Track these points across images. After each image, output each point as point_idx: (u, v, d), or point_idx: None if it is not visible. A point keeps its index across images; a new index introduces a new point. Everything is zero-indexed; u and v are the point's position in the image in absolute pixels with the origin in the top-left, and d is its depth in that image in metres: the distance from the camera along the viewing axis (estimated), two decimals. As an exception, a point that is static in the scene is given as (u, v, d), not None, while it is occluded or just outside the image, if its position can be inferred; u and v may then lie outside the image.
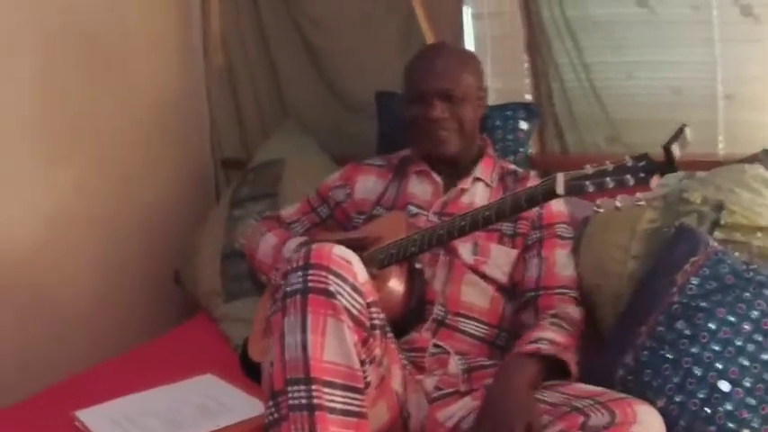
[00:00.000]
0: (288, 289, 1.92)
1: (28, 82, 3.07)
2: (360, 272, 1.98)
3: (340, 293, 1.90)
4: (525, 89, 3.47)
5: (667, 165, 1.90)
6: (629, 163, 1.94)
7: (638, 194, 1.97)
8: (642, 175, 1.92)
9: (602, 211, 2.03)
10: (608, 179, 1.95)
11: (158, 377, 2.62)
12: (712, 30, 3.12)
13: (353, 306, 1.92)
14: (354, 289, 1.94)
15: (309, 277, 1.91)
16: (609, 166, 1.97)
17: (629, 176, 1.93)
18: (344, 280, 1.92)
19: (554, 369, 2.18)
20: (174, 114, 3.85)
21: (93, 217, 3.36)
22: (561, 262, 2.54)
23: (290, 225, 2.87)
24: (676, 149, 1.88)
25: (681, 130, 1.94)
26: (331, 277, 1.91)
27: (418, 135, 2.64)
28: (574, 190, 2.00)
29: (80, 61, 3.28)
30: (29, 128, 3.08)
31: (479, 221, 2.22)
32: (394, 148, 2.93)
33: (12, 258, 3.05)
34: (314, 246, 1.97)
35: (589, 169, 1.99)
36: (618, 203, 1.97)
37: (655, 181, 1.92)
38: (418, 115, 2.59)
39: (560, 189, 2.02)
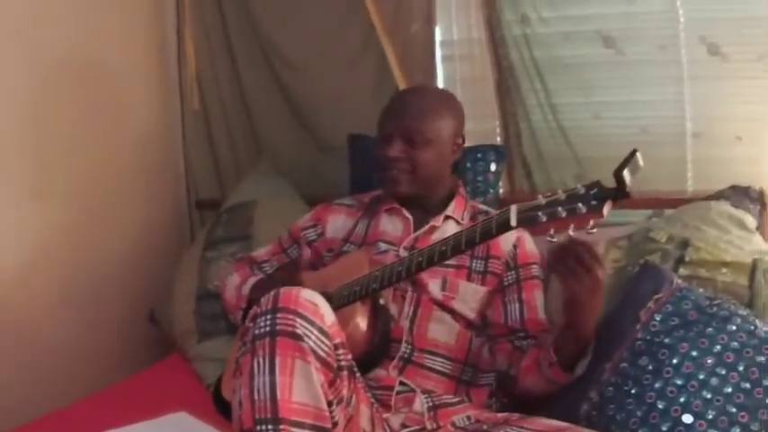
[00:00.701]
0: (256, 332, 1.93)
1: (17, 120, 3.10)
2: (327, 314, 1.99)
3: (307, 336, 1.91)
4: (495, 130, 3.51)
5: (619, 191, 1.87)
6: (581, 191, 1.92)
7: (591, 222, 1.92)
8: (594, 202, 1.89)
9: (555, 240, 2.03)
10: (560, 208, 1.92)
11: (132, 415, 2.61)
12: (681, 69, 3.18)
13: (320, 348, 1.93)
14: (321, 331, 1.94)
15: (278, 320, 1.92)
16: (561, 195, 1.95)
17: (581, 204, 1.90)
18: (311, 323, 1.93)
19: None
20: (151, 155, 3.87)
21: (69, 255, 3.35)
22: (540, 305, 2.57)
23: (261, 265, 2.88)
24: (627, 175, 1.86)
25: (632, 155, 1.91)
26: (298, 320, 1.92)
27: (379, 173, 2.67)
28: (527, 221, 1.99)
29: (65, 105, 3.31)
30: (14, 164, 3.10)
31: (435, 256, 2.21)
32: (366, 189, 2.94)
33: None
34: (282, 289, 1.98)
35: (542, 199, 1.97)
36: (571, 233, 1.97)
37: (607, 208, 1.90)
38: (378, 152, 2.62)
39: (514, 221, 2.01)
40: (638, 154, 1.93)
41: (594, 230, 1.95)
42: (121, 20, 3.65)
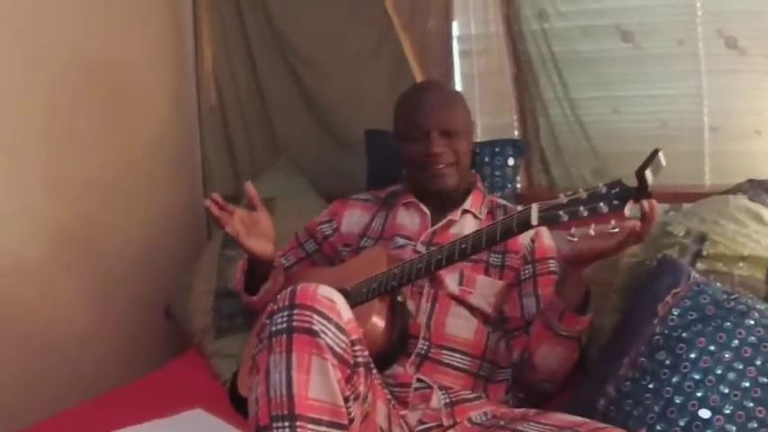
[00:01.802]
0: (273, 328, 1.93)
1: (35, 118, 3.11)
2: (344, 311, 1.99)
3: (324, 332, 1.91)
4: (513, 125, 3.50)
5: (641, 190, 1.87)
6: (603, 190, 1.92)
7: (613, 221, 1.95)
8: (616, 202, 1.90)
9: (576, 239, 2.03)
10: (581, 208, 1.94)
11: (149, 412, 2.62)
12: (699, 62, 3.16)
13: (337, 344, 1.93)
14: (338, 328, 1.94)
15: (295, 317, 1.92)
16: (582, 194, 1.96)
17: (602, 204, 1.91)
18: (329, 319, 1.93)
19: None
20: (167, 152, 3.88)
21: (86, 251, 3.37)
22: None
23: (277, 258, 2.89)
24: (649, 175, 1.86)
25: (654, 155, 1.91)
26: (315, 317, 1.92)
27: (417, 171, 2.66)
28: (548, 220, 2.00)
29: (83, 101, 3.32)
30: (31, 160, 3.12)
31: (455, 254, 2.23)
32: (383, 184, 2.95)
33: (2, 291, 3.06)
34: (299, 286, 1.98)
35: (563, 198, 1.98)
36: (592, 232, 1.97)
37: (629, 207, 1.90)
38: (418, 152, 2.62)
39: (535, 220, 2.02)
40: (660, 153, 1.93)
41: (616, 230, 1.96)
42: (138, 16, 3.66)
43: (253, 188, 2.61)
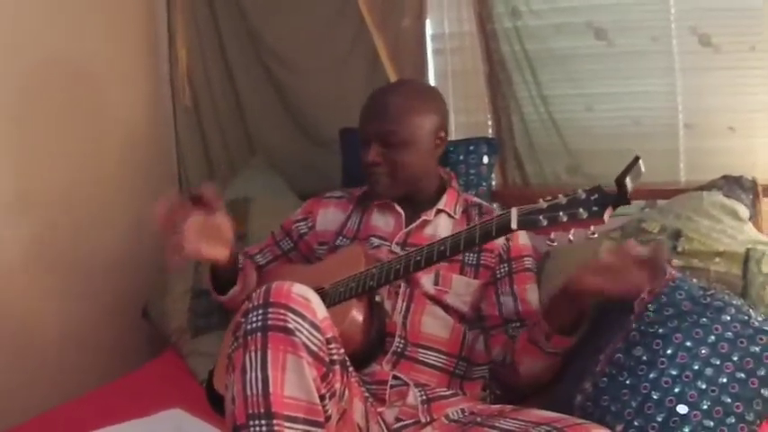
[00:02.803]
0: (248, 327, 1.93)
1: (4, 116, 3.09)
2: (318, 309, 1.99)
3: (299, 330, 1.91)
4: (487, 123, 3.51)
5: (620, 197, 1.88)
6: (582, 196, 1.94)
7: (592, 227, 1.96)
8: (595, 208, 1.92)
9: (555, 245, 2.04)
10: (561, 213, 1.95)
11: (127, 413, 2.61)
12: (672, 60, 3.19)
13: (312, 342, 1.93)
14: (313, 326, 1.94)
15: (269, 315, 1.92)
16: (562, 199, 1.97)
17: (582, 210, 1.92)
18: (303, 317, 1.93)
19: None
20: (142, 152, 3.86)
21: (62, 253, 3.35)
22: (534, 297, 2.60)
23: (253, 257, 2.91)
24: (629, 182, 1.88)
25: (634, 162, 1.92)
26: (290, 315, 1.92)
27: (364, 175, 2.69)
28: (527, 224, 2.01)
29: (57, 103, 3.31)
30: (8, 160, 3.11)
31: (434, 255, 2.23)
32: (357, 182, 2.94)
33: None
34: (274, 284, 1.98)
35: (543, 203, 1.99)
36: (571, 237, 1.98)
37: (608, 214, 1.91)
38: (362, 157, 2.63)
39: (514, 224, 2.03)
40: (640, 161, 1.94)
41: (596, 235, 1.98)
42: (111, 18, 3.64)
43: (211, 190, 2.52)
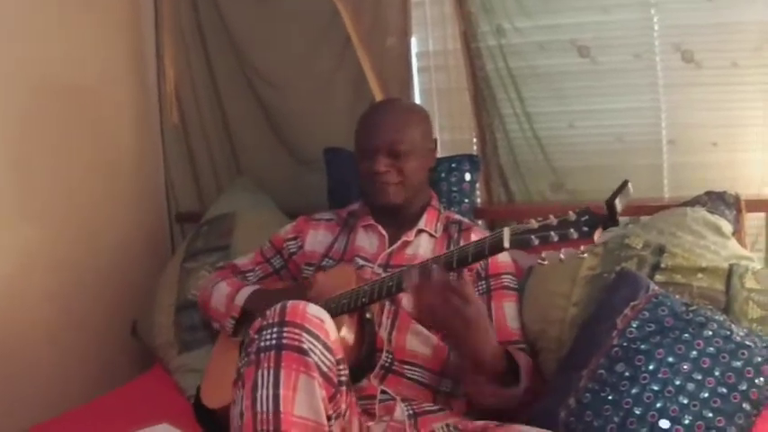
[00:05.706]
0: (262, 344, 1.95)
1: (5, 136, 3.13)
2: (331, 330, 2.01)
3: (313, 351, 1.93)
4: (472, 141, 3.51)
5: (610, 219, 1.90)
6: (573, 218, 1.95)
7: (582, 247, 2.00)
8: (585, 228, 1.93)
9: (546, 263, 2.05)
10: (552, 233, 1.96)
11: (116, 428, 2.63)
12: (655, 76, 3.20)
13: (324, 363, 1.95)
14: (326, 347, 1.97)
15: (284, 334, 1.94)
16: (553, 220, 1.98)
17: (572, 230, 1.93)
18: (317, 338, 1.96)
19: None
20: (131, 169, 3.89)
21: (52, 269, 3.36)
22: (511, 314, 2.62)
23: (245, 274, 2.93)
24: (618, 204, 1.90)
25: (624, 185, 1.94)
26: (305, 335, 1.94)
27: (368, 187, 2.74)
28: (520, 244, 2.02)
29: (46, 122, 3.33)
30: (3, 182, 3.12)
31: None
32: (343, 201, 2.99)
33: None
34: (289, 303, 2.00)
35: (534, 223, 2.00)
36: (562, 256, 1.99)
37: (597, 234, 1.92)
38: (367, 169, 2.68)
39: (507, 243, 2.03)
40: (629, 185, 1.96)
41: (585, 255, 2.01)
42: (101, 38, 3.67)
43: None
